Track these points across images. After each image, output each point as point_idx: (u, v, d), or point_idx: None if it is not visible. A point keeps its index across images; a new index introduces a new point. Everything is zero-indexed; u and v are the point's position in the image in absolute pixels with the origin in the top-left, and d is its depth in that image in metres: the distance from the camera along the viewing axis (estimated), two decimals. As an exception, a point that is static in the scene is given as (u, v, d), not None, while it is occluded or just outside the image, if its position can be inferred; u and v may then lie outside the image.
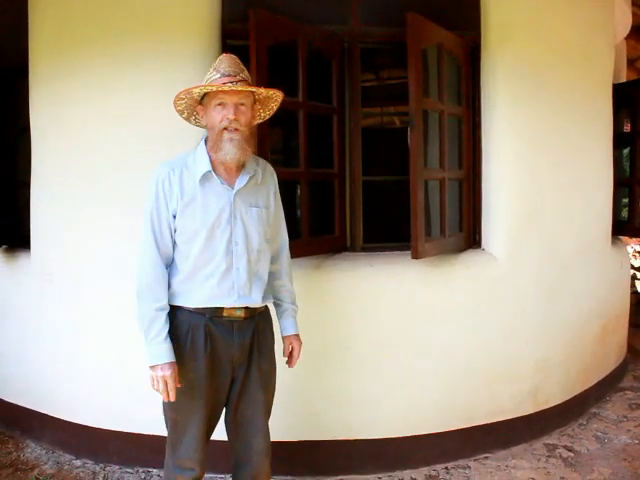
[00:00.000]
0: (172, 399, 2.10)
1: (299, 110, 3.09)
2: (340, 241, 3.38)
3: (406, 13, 2.97)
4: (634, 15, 4.99)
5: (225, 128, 2.10)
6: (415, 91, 2.99)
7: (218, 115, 2.11)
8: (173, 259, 2.20)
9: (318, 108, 3.24)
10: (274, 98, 2.28)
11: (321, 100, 3.27)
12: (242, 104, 2.12)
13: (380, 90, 7.01)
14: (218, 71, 2.13)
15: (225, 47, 3.16)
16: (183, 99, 2.20)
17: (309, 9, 3.33)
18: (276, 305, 2.44)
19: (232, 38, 3.19)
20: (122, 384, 3.14)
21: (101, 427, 3.23)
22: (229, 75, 2.11)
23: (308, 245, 3.16)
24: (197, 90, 2.13)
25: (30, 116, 3.38)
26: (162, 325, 2.11)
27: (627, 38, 5.32)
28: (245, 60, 2.75)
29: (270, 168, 2.36)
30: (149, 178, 2.17)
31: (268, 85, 2.32)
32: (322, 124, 3.30)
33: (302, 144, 3.10)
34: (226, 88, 2.08)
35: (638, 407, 4.03)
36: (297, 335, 2.44)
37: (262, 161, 2.34)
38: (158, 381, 2.08)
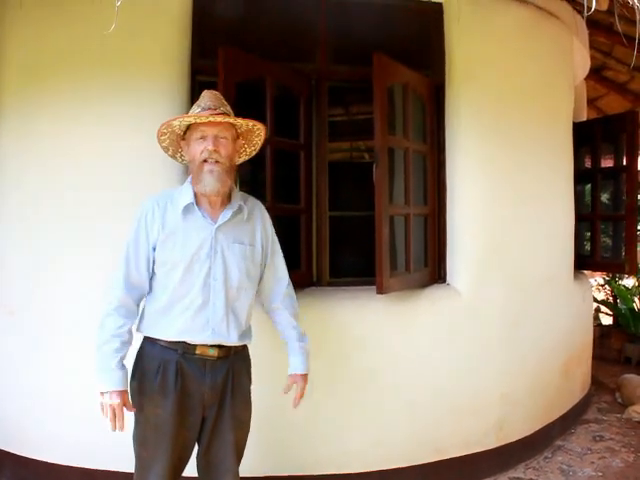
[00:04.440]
0: (121, 429, 2.08)
1: (266, 146, 3.11)
2: (307, 276, 3.39)
3: (372, 53, 3.05)
4: (592, 57, 5.19)
5: (205, 160, 2.11)
6: (380, 129, 3.06)
7: (199, 147, 2.13)
8: (152, 289, 2.20)
9: (285, 144, 3.29)
10: (257, 132, 2.31)
11: (289, 135, 3.31)
12: (224, 137, 2.15)
13: (349, 125, 7.09)
14: (199, 105, 2.17)
15: (194, 83, 3.20)
16: (165, 134, 2.22)
17: (278, 47, 3.41)
18: (286, 342, 2.44)
19: (201, 74, 3.24)
20: (85, 419, 3.06)
21: (64, 464, 3.15)
22: (209, 108, 2.14)
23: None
24: (176, 122, 2.16)
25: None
26: (114, 350, 2.09)
27: (587, 79, 5.51)
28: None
29: (260, 206, 2.36)
30: (120, 215, 2.18)
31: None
32: (290, 159, 3.34)
33: (269, 179, 3.13)
34: (203, 118, 2.10)
35: (602, 439, 4.08)
36: (303, 375, 2.40)
37: (252, 199, 2.35)
38: (107, 409, 2.07)
